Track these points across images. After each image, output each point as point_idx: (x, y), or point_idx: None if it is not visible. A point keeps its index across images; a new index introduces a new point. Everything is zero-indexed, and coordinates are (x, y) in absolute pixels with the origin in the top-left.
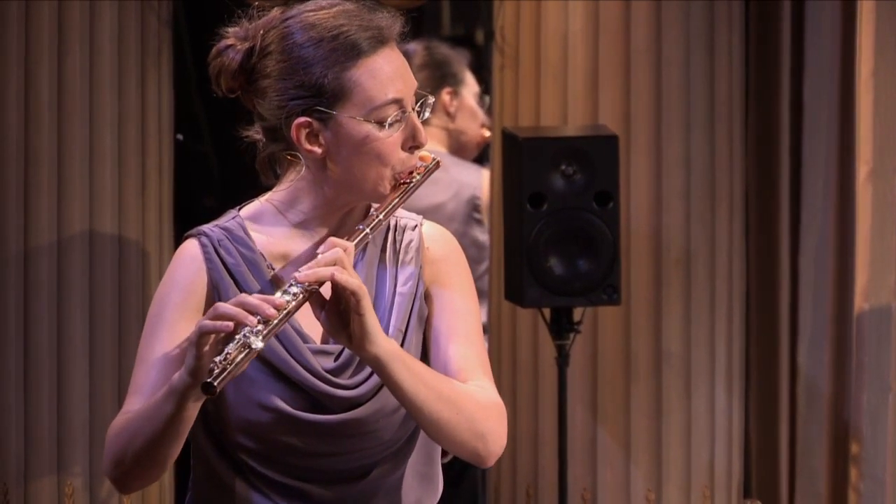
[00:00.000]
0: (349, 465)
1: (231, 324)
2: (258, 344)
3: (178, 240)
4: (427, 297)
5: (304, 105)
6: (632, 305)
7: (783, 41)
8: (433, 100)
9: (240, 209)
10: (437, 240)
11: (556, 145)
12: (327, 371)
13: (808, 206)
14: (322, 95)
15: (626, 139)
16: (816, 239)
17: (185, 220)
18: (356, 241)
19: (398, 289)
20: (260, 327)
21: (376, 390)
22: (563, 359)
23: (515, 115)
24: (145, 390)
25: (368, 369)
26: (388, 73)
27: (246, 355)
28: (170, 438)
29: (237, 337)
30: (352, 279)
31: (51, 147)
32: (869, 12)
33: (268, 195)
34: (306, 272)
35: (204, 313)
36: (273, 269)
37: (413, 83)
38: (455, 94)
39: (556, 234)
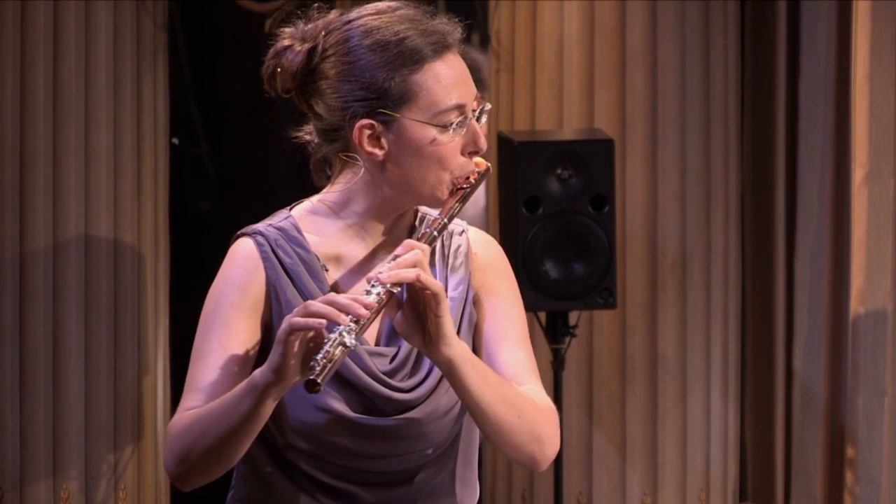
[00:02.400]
0: (397, 467)
1: (324, 322)
2: (352, 342)
3: (175, 243)
4: (476, 302)
5: (368, 107)
6: (627, 309)
7: (779, 45)
8: (489, 106)
9: (291, 209)
10: (483, 245)
11: (552, 149)
12: (383, 373)
13: (803, 210)
14: (386, 98)
15: (621, 143)
16: (812, 242)
17: (181, 224)
18: (427, 243)
19: (449, 293)
20: (353, 326)
21: (430, 393)
22: (558, 362)
23: (511, 118)
24: (206, 387)
25: (423, 372)
26: (452, 78)
27: (342, 354)
28: (243, 435)
29: (333, 336)
30: (434, 281)
31: (46, 150)
32: (864, 16)
33: (319, 196)
34: (389, 273)
35: (262, 312)
36: (327, 270)
37: (473, 89)
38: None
39: (551, 237)
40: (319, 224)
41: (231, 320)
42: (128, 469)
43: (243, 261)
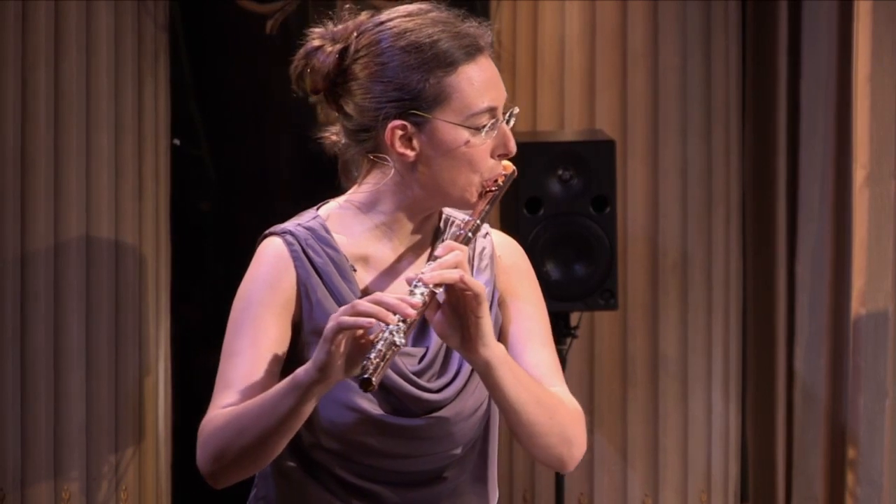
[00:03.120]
0: (422, 468)
1: (373, 321)
2: (401, 341)
3: (175, 244)
4: (500, 304)
5: (401, 108)
6: (628, 310)
7: (780, 45)
8: (518, 110)
9: (318, 209)
10: (507, 248)
11: (553, 150)
12: (412, 373)
13: (804, 211)
14: (420, 99)
15: (622, 144)
16: (813, 243)
17: (182, 225)
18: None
19: None
20: (402, 325)
21: (457, 393)
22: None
23: None
24: (238, 385)
25: (451, 373)
26: (484, 81)
27: (393, 353)
28: (282, 434)
29: (383, 335)
30: (477, 282)
31: (47, 151)
32: (865, 16)
33: (346, 196)
34: (432, 273)
35: (292, 311)
36: (355, 270)
37: (504, 93)
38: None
39: (552, 238)
40: (347, 224)
41: (262, 318)
42: (129, 470)
43: (273, 260)
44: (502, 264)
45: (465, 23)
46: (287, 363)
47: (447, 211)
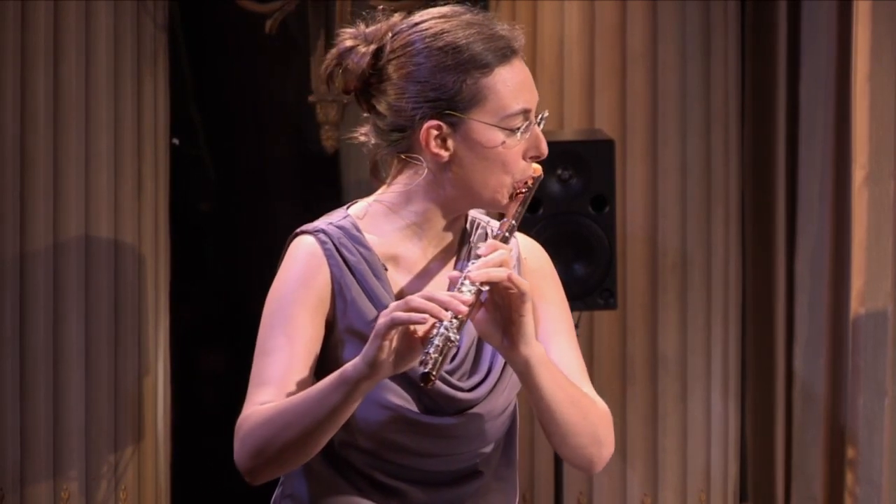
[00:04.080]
0: (450, 467)
1: (428, 317)
2: (456, 337)
3: (175, 244)
4: None
5: (437, 108)
6: (628, 310)
7: (779, 45)
8: (548, 113)
9: (348, 208)
10: (532, 250)
11: (552, 150)
12: (445, 372)
13: (804, 211)
14: (456, 100)
15: (622, 143)
16: (812, 243)
17: (181, 225)
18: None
19: None
20: (455, 322)
21: (488, 393)
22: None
23: None
24: (275, 382)
25: (482, 372)
26: (519, 83)
27: (448, 349)
28: (327, 430)
29: (439, 331)
30: (523, 281)
31: (47, 151)
32: (865, 16)
33: (375, 196)
34: (478, 272)
35: (326, 310)
36: (386, 270)
37: (537, 95)
38: None
39: (552, 238)
40: (377, 224)
41: (296, 317)
42: (128, 469)
43: (307, 258)
44: (529, 266)
45: (498, 25)
46: (319, 362)
47: (472, 213)
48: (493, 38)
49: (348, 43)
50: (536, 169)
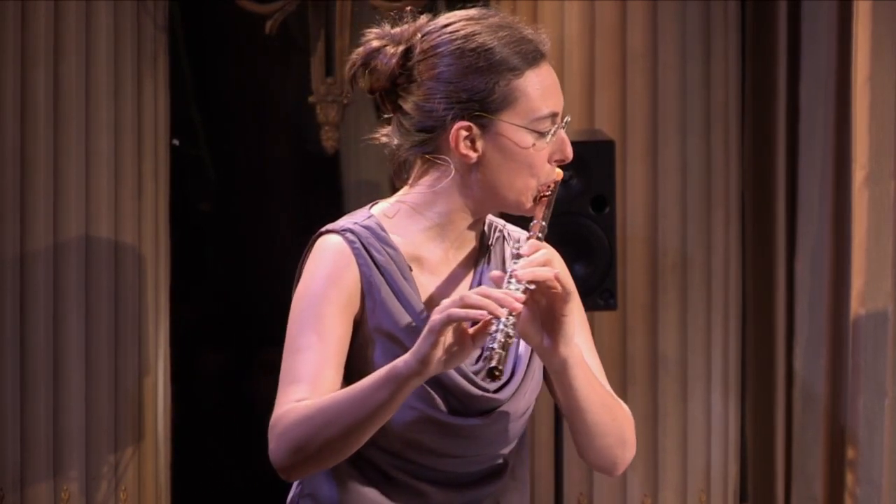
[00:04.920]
0: (471, 468)
1: (486, 313)
2: (514, 333)
3: (175, 244)
4: None
5: (468, 109)
6: (628, 310)
7: (779, 45)
8: (570, 119)
9: (370, 208)
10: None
11: None
12: (473, 373)
13: (804, 211)
14: (487, 101)
15: (622, 144)
16: (813, 243)
17: (181, 225)
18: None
19: None
20: (512, 319)
21: (513, 394)
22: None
23: None
24: (309, 379)
25: (507, 372)
26: (547, 86)
27: (509, 345)
28: (372, 426)
29: (498, 327)
30: (570, 280)
31: (47, 151)
32: (865, 16)
33: (398, 196)
34: (526, 270)
35: (355, 309)
36: (411, 270)
37: (562, 99)
38: None
39: (552, 238)
40: (401, 224)
41: (327, 315)
42: (128, 470)
43: (336, 256)
44: None
45: (525, 28)
46: (346, 361)
47: (489, 217)
48: (522, 41)
49: (375, 43)
50: (559, 173)
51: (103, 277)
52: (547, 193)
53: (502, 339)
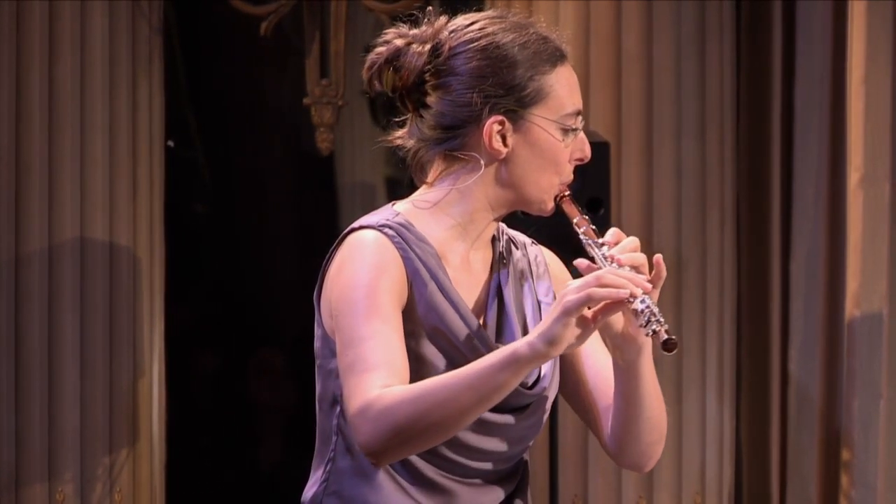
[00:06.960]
0: (497, 466)
1: (628, 291)
2: (658, 311)
3: (170, 246)
4: None
5: (502, 104)
6: None
7: (774, 47)
8: (583, 121)
9: (393, 205)
10: (552, 257)
11: None
12: None
13: (799, 213)
14: (521, 96)
15: (617, 146)
16: (808, 245)
17: (176, 227)
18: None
19: (542, 299)
20: (648, 299)
21: (543, 390)
22: None
23: None
24: (385, 364)
25: (536, 369)
26: (573, 84)
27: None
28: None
29: (645, 303)
30: (663, 265)
31: (42, 153)
32: (860, 17)
33: (419, 194)
34: (627, 255)
35: (403, 300)
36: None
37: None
38: None
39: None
40: (425, 222)
41: (384, 304)
42: (123, 472)
43: (379, 248)
44: (553, 271)
45: (545, 28)
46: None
47: (501, 228)
48: (547, 40)
49: (398, 42)
50: (571, 173)
51: (98, 279)
52: (567, 193)
53: (656, 312)
